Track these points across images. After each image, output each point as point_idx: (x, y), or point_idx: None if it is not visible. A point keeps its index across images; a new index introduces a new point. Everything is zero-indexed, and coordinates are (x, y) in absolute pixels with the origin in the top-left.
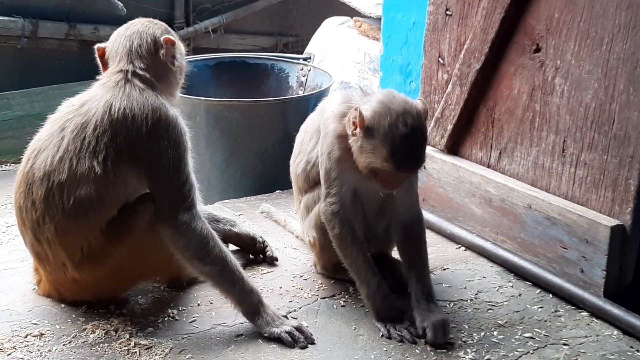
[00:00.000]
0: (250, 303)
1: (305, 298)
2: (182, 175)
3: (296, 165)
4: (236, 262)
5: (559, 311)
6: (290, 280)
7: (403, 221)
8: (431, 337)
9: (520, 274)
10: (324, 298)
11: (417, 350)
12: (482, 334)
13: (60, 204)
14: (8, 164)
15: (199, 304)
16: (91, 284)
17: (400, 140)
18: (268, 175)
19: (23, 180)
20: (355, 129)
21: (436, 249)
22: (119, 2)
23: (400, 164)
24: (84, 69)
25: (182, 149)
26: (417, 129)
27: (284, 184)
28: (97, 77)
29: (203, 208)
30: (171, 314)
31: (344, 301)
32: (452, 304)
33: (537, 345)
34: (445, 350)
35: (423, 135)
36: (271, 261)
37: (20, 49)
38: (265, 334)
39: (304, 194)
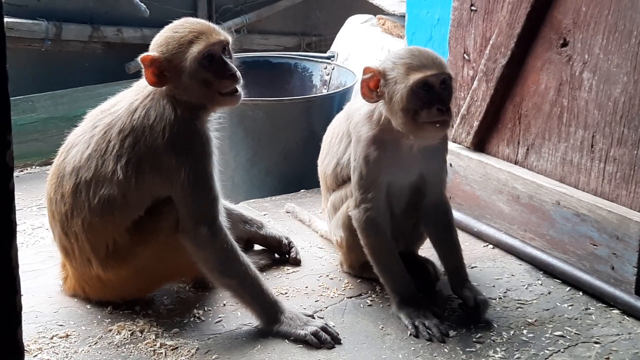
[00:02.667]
0: (269, 315)
1: (332, 297)
2: (202, 189)
3: (325, 165)
4: (257, 275)
5: (589, 309)
6: (317, 279)
7: (432, 206)
8: (483, 311)
9: (549, 271)
10: (351, 297)
11: (445, 350)
12: (512, 332)
13: (87, 200)
14: (33, 167)
15: (224, 304)
16: (116, 283)
17: (413, 51)
18: (293, 175)
19: (55, 172)
20: (376, 88)
21: (464, 247)
22: (142, 4)
23: (423, 65)
24: (108, 71)
25: (204, 163)
26: (423, 47)
27: (309, 183)
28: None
29: (232, 208)
30: (197, 315)
31: (370, 300)
32: None
33: (567, 343)
34: (474, 349)
35: (432, 50)
36: (294, 263)
37: (44, 52)
38: (291, 338)
39: (332, 193)
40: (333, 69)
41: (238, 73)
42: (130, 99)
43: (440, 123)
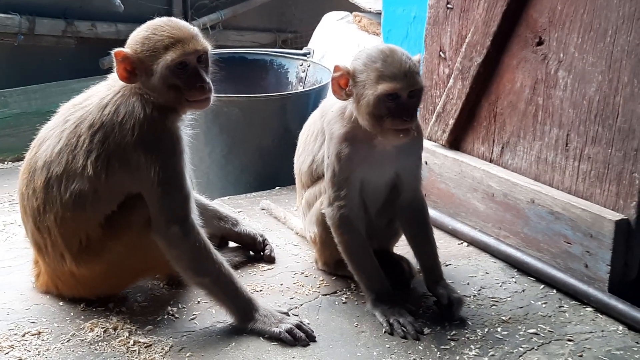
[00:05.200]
0: (244, 313)
1: (307, 295)
2: (173, 188)
3: (300, 162)
4: (231, 272)
5: (563, 307)
6: (291, 277)
7: (408, 203)
8: (456, 309)
9: (523, 269)
10: (326, 295)
11: (420, 347)
12: (486, 330)
13: (58, 195)
14: (6, 162)
15: (198, 302)
16: (89, 279)
17: (385, 55)
18: (268, 172)
19: (27, 167)
20: (345, 87)
21: (439, 245)
22: None
23: (394, 75)
24: (82, 66)
25: (174, 162)
26: (397, 48)
27: (284, 181)
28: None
29: (207, 204)
30: (171, 312)
31: (345, 298)
32: None
33: (541, 341)
34: (448, 347)
35: (406, 52)
36: (269, 260)
37: (17, 46)
38: (266, 336)
39: (307, 189)
40: (309, 66)
41: (209, 85)
42: (101, 94)
43: (403, 132)
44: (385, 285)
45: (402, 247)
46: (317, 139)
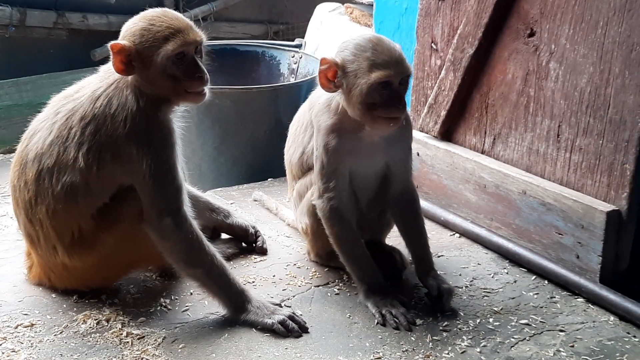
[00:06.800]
0: (236, 304)
1: (299, 286)
2: (165, 180)
3: (291, 154)
4: (223, 264)
5: (554, 297)
6: (284, 268)
7: (399, 194)
8: (447, 300)
9: (515, 260)
10: (318, 286)
11: (412, 338)
12: (478, 321)
13: (50, 187)
14: None
15: (191, 293)
16: (82, 271)
17: (374, 44)
18: (260, 163)
19: (18, 159)
20: (334, 80)
21: (430, 236)
22: None
23: (387, 63)
24: (73, 58)
25: (166, 155)
26: (383, 37)
27: (276, 172)
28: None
29: (199, 196)
30: (163, 304)
31: (338, 289)
32: None
33: (533, 331)
34: (440, 338)
35: (390, 40)
36: (261, 252)
37: (8, 38)
38: (259, 327)
39: (297, 180)
40: (301, 58)
41: (207, 76)
42: (94, 86)
43: (393, 121)
44: (377, 277)
45: (394, 239)
46: (307, 130)
